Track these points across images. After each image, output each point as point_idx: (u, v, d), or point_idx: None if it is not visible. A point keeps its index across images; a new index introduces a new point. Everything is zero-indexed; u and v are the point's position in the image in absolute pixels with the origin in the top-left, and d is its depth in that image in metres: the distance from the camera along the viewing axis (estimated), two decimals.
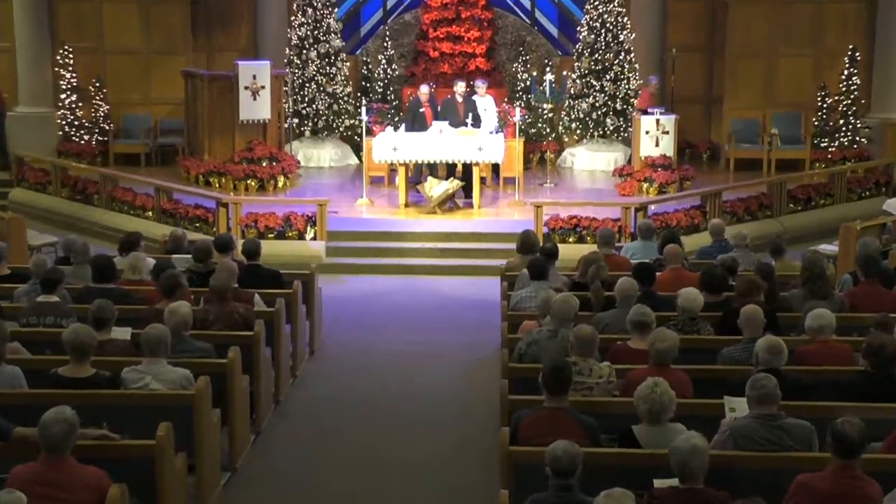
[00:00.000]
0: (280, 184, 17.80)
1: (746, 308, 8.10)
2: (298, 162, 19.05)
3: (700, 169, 19.27)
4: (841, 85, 19.76)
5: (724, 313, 8.81)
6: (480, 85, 18.18)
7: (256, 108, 18.22)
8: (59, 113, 20.17)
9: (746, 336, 7.99)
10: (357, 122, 19.26)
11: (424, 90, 17.57)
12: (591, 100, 19.59)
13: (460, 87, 17.51)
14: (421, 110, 17.31)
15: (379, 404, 10.08)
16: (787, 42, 20.10)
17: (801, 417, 6.52)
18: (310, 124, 20.07)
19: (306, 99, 19.88)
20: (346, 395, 10.32)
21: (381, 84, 21.32)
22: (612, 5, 19.41)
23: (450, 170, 16.93)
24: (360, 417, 9.74)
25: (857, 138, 19.68)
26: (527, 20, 22.12)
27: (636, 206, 15.21)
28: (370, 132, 18.01)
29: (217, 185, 17.62)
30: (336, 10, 20.25)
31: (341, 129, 20.22)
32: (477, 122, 17.04)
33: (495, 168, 17.93)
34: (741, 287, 8.98)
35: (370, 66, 21.60)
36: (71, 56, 20.16)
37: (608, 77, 19.50)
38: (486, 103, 17.83)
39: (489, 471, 8.00)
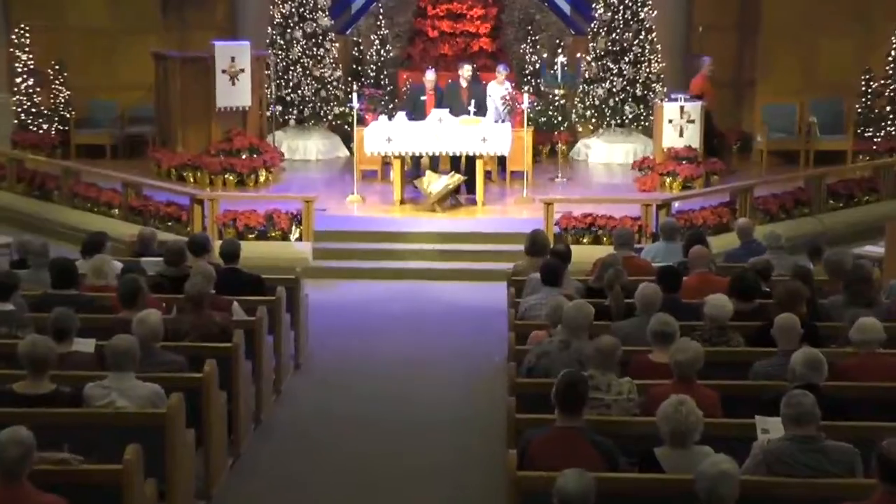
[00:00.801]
0: (262, 178, 17.81)
1: (781, 317, 8.08)
2: (282, 154, 19.06)
3: (730, 162, 19.26)
4: (888, 67, 19.76)
5: (763, 324, 8.77)
6: (502, 70, 18.09)
7: (235, 94, 18.23)
8: (15, 99, 20.18)
9: (781, 348, 7.97)
10: (347, 110, 19.24)
11: (430, 77, 17.57)
12: (607, 85, 19.58)
13: (466, 70, 17.51)
14: (423, 98, 17.31)
15: (371, 424, 10.06)
16: (829, 19, 20.07)
17: (842, 439, 6.50)
18: (295, 112, 20.07)
19: (291, 84, 19.89)
20: (335, 414, 10.31)
21: (374, 67, 21.33)
22: None
23: (452, 163, 16.93)
24: (350, 439, 9.72)
25: None
26: None
27: (658, 203, 15.22)
28: (362, 121, 18.02)
29: (191, 180, 17.62)
30: None
31: (330, 117, 20.23)
32: (482, 111, 17.02)
33: (501, 161, 17.93)
34: (782, 297, 8.89)
35: (362, 48, 21.61)
36: (27, 35, 20.16)
37: (627, 59, 19.50)
38: (502, 91, 17.79)
39: (494, 497, 7.99)
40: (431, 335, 12.68)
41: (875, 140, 19.57)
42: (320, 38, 19.94)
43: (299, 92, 19.90)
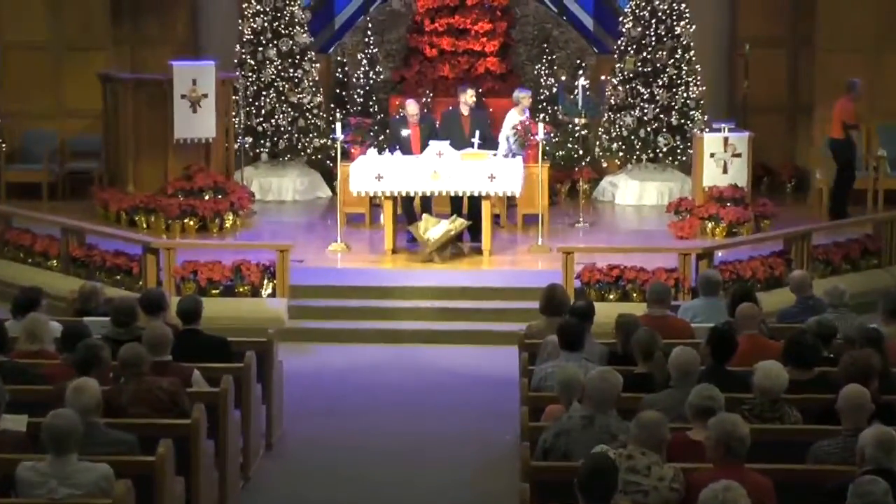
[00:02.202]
0: (228, 223, 17.81)
1: (848, 389, 8.04)
2: (252, 194, 19.06)
3: (783, 203, 19.29)
4: None
5: (825, 397, 8.70)
6: (523, 95, 18.06)
7: (197, 123, 18.26)
8: None
9: (847, 426, 7.93)
10: (329, 143, 19.28)
11: (412, 108, 17.38)
12: (637, 112, 19.64)
13: (468, 94, 17.50)
14: (405, 133, 17.25)
15: None
16: None
17: None
18: (268, 145, 20.10)
19: (263, 111, 19.93)
20: None
21: (362, 92, 21.38)
22: None
23: (453, 205, 16.92)
24: None
25: None
26: (553, 8, 22.22)
27: (698, 252, 15.21)
28: (347, 155, 18.04)
29: (144, 226, 17.63)
30: None
31: (309, 151, 20.25)
32: (487, 143, 17.03)
33: (511, 202, 17.93)
34: (849, 368, 8.83)
35: (347, 69, 21.67)
36: None
37: (660, 82, 19.56)
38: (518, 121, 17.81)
39: None
40: (429, 409, 12.63)
41: None
42: (298, 57, 20.00)
43: (273, 121, 19.94)
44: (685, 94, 19.61)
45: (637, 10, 19.68)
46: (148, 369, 9.21)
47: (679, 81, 19.60)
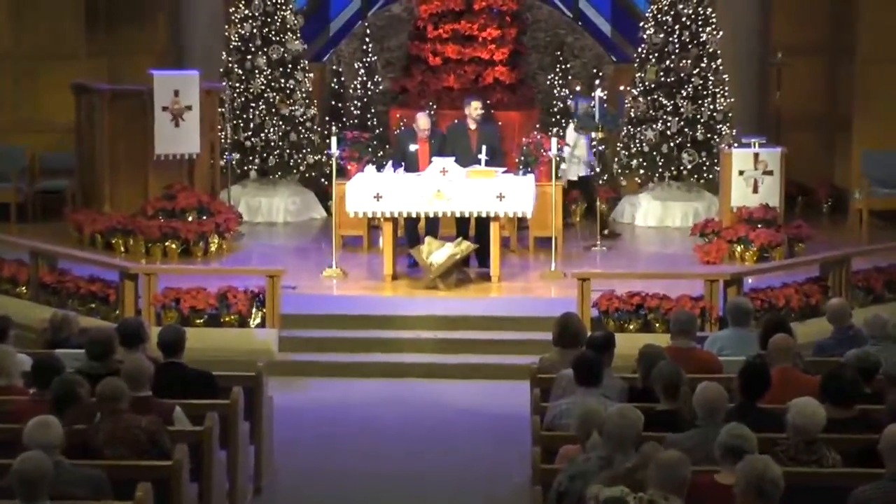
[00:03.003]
0: (213, 247, 17.81)
1: (892, 428, 8.02)
2: (240, 215, 19.05)
3: (819, 225, 19.27)
4: None
5: (866, 437, 8.68)
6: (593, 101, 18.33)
7: (179, 138, 18.28)
8: None
9: (890, 469, 7.91)
10: (324, 159, 19.28)
11: (423, 122, 17.36)
12: (659, 126, 19.64)
13: (474, 107, 17.48)
14: (413, 148, 17.25)
15: None
16: None
17: None
18: (257, 161, 20.10)
19: (252, 125, 19.93)
20: None
21: (359, 104, 21.39)
22: None
23: (459, 227, 16.90)
24: None
25: None
26: (568, 13, 22.25)
27: (726, 278, 15.19)
28: (343, 173, 18.04)
29: (122, 249, 17.63)
30: None
31: (301, 168, 20.25)
32: (496, 159, 17.01)
33: (522, 224, 17.92)
34: (894, 407, 8.83)
35: (343, 79, 21.69)
36: None
37: (684, 93, 19.55)
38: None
39: None
40: (431, 449, 12.63)
41: None
42: (290, 66, 20.01)
43: (262, 135, 19.94)
44: (712, 107, 19.61)
45: (659, 15, 19.69)
46: (127, 406, 9.19)
47: (705, 92, 19.60)
